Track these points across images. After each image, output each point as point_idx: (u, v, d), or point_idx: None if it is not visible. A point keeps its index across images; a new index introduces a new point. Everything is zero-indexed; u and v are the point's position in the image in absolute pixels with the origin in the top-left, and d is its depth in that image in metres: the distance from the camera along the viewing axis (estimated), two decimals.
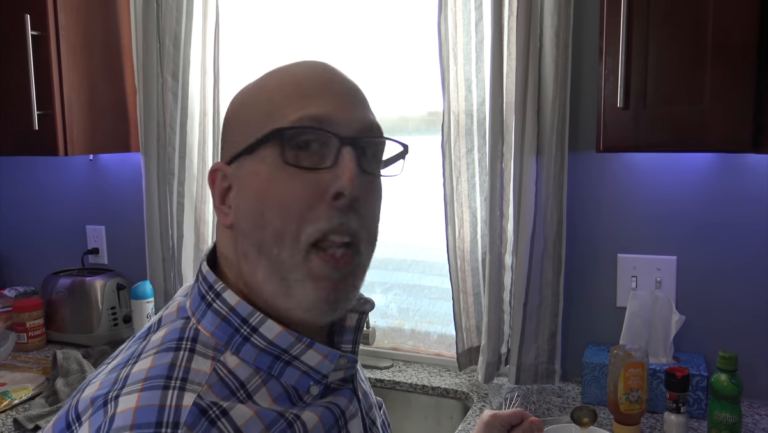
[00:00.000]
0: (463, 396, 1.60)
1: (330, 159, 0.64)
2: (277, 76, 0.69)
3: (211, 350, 0.64)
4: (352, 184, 0.62)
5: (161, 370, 0.60)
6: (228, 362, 0.64)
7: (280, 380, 0.66)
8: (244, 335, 0.65)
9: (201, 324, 0.66)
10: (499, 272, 1.54)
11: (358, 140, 0.65)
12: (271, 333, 0.65)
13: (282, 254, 0.63)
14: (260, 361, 0.65)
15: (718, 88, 1.14)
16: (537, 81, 1.44)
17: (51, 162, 2.18)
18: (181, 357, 0.62)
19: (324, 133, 0.63)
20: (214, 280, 0.67)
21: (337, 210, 0.63)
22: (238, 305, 0.65)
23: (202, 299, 0.67)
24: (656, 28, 1.17)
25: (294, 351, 0.65)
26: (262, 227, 0.64)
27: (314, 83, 0.66)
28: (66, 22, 1.72)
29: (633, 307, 1.49)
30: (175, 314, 0.69)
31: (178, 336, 0.64)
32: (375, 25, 1.74)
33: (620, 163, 1.53)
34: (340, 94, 0.67)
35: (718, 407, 1.24)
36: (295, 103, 0.65)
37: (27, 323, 1.93)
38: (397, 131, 1.73)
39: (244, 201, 0.66)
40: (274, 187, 0.63)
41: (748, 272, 1.45)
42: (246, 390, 0.63)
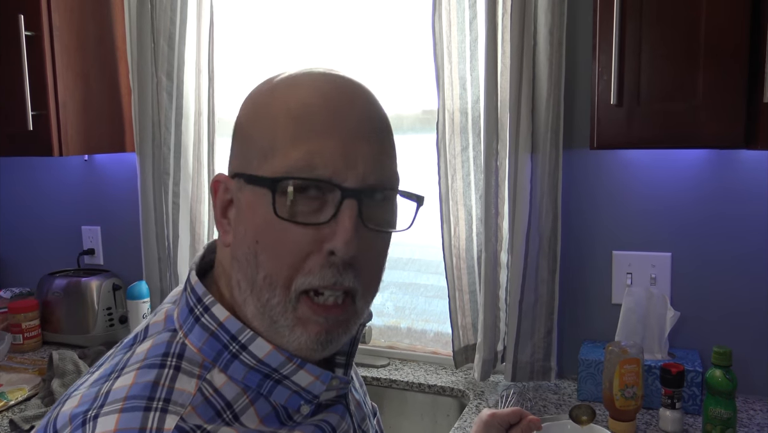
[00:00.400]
0: (459, 394, 1.60)
1: (329, 212, 0.59)
2: (286, 94, 0.62)
3: (198, 367, 0.61)
4: (347, 247, 0.58)
5: (143, 389, 0.57)
6: (215, 380, 0.61)
7: (269, 399, 0.63)
8: (233, 352, 0.62)
9: (188, 339, 0.63)
10: (495, 270, 1.55)
11: (361, 193, 0.60)
12: (261, 352, 0.62)
13: (272, 300, 0.61)
14: (249, 379, 0.62)
15: (710, 86, 1.14)
16: (531, 79, 1.45)
17: (46, 162, 2.18)
18: (165, 375, 0.59)
19: (325, 183, 0.59)
20: (203, 293, 0.64)
21: (331, 267, 0.60)
22: (227, 320, 0.63)
23: (190, 312, 0.64)
24: (649, 26, 1.17)
25: (284, 371, 0.63)
26: (256, 268, 0.61)
27: (321, 115, 0.60)
28: (60, 22, 1.72)
29: (628, 303, 1.49)
30: (162, 323, 0.66)
31: (164, 351, 0.62)
32: (370, 23, 1.74)
33: (615, 160, 1.53)
34: (350, 132, 0.60)
35: (713, 403, 1.25)
36: (295, 143, 0.59)
37: (23, 324, 1.92)
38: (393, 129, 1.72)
39: (240, 231, 0.63)
40: (269, 233, 0.60)
41: (742, 268, 1.46)
42: (233, 411, 0.61)
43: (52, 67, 1.71)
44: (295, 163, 0.59)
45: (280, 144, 0.60)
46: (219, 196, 0.66)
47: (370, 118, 0.63)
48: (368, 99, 0.64)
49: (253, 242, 0.61)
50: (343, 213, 0.59)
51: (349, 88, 0.63)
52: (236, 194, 0.64)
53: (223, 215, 0.65)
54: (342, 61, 1.77)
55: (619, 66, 1.18)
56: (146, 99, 1.82)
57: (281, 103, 0.62)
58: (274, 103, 0.62)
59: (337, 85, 0.63)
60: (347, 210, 0.59)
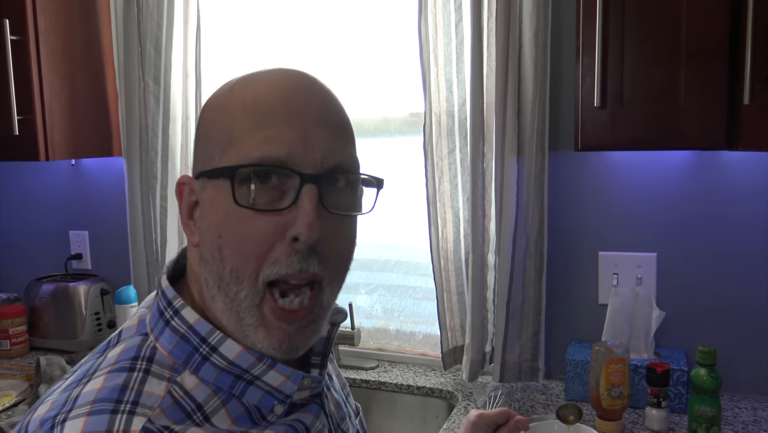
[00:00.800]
0: (448, 395, 1.61)
1: (289, 198, 0.60)
2: (243, 92, 0.63)
3: (168, 370, 0.61)
4: (309, 230, 0.58)
5: (111, 392, 0.57)
6: (185, 383, 0.61)
7: (242, 400, 0.64)
8: (204, 354, 0.62)
9: (159, 342, 0.63)
10: (482, 271, 1.55)
11: (320, 178, 0.60)
12: (231, 353, 0.62)
13: (240, 294, 0.61)
14: (221, 381, 0.62)
15: (691, 88, 1.16)
16: (517, 81, 1.46)
17: (32, 167, 2.17)
18: (134, 379, 0.59)
19: (283, 170, 0.60)
20: (173, 296, 0.65)
21: (296, 253, 0.60)
22: (197, 323, 0.63)
23: (161, 315, 0.64)
24: (631, 28, 1.19)
25: (255, 371, 0.63)
26: (221, 263, 0.61)
27: (278, 104, 0.61)
28: (45, 26, 1.71)
29: (614, 304, 1.51)
30: (135, 327, 0.66)
31: (134, 355, 0.62)
32: (356, 27, 1.75)
33: (600, 161, 1.54)
34: (307, 120, 0.61)
35: (698, 401, 1.26)
36: (252, 133, 0.60)
37: (10, 329, 1.91)
38: (380, 132, 1.73)
39: (205, 229, 0.63)
40: (232, 225, 0.60)
41: (726, 267, 1.48)
42: (203, 412, 0.61)
43: (38, 72, 1.70)
44: (253, 151, 0.59)
45: (237, 136, 0.61)
46: (184, 199, 0.66)
47: (327, 108, 0.64)
48: (324, 91, 0.65)
49: (216, 237, 0.61)
50: (303, 198, 0.59)
51: (305, 81, 0.64)
52: (200, 194, 0.64)
53: (189, 217, 0.66)
54: (330, 64, 1.78)
55: (602, 68, 1.19)
56: (133, 103, 1.82)
57: (239, 99, 0.63)
58: (232, 100, 0.63)
59: (294, 80, 0.64)
60: (307, 194, 0.59)
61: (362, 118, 1.75)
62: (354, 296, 1.85)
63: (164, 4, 1.77)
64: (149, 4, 1.77)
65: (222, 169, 0.61)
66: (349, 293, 1.85)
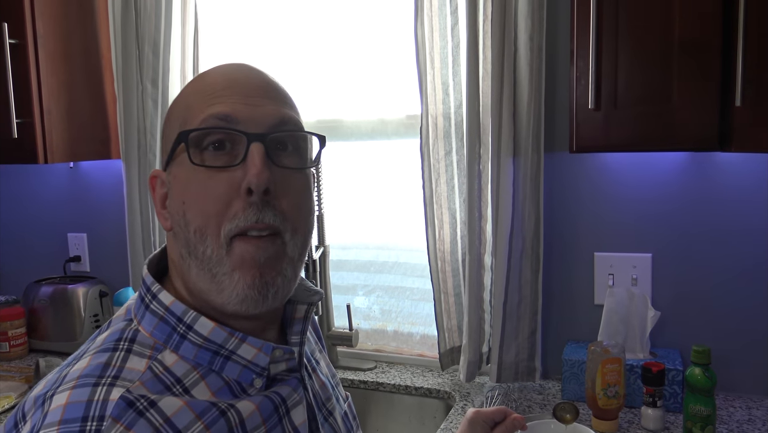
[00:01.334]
0: (445, 396, 1.62)
1: (240, 157, 0.66)
2: (193, 83, 0.72)
3: (149, 349, 0.66)
4: (258, 179, 0.64)
5: (94, 369, 0.62)
6: (165, 360, 0.66)
7: (222, 375, 0.67)
8: (181, 333, 0.67)
9: (141, 325, 0.68)
10: (479, 272, 1.56)
11: (266, 136, 0.66)
12: (205, 329, 0.67)
13: (207, 250, 0.65)
14: (200, 357, 0.67)
15: (684, 89, 1.17)
16: (512, 84, 1.47)
17: (31, 170, 2.17)
18: (116, 357, 0.64)
19: (230, 131, 0.66)
20: (151, 282, 0.70)
21: (251, 206, 0.65)
22: (173, 304, 0.68)
23: (141, 300, 0.70)
24: (625, 31, 1.20)
25: (229, 346, 0.67)
26: (186, 226, 0.66)
27: (222, 83, 0.68)
28: (44, 30, 1.72)
29: (610, 304, 1.52)
30: (123, 315, 0.71)
31: (117, 337, 0.67)
32: (353, 30, 1.76)
33: (595, 163, 1.55)
34: (249, 91, 0.68)
35: (693, 400, 1.27)
36: (203, 104, 0.67)
37: (9, 331, 1.92)
38: (377, 134, 1.74)
39: (173, 204, 0.68)
40: (191, 188, 0.66)
41: (721, 268, 1.49)
42: (183, 385, 0.65)
43: (36, 75, 1.71)
44: (204, 118, 0.66)
45: (190, 114, 0.68)
46: (157, 191, 0.72)
47: (267, 82, 0.71)
48: (263, 72, 0.72)
49: (180, 204, 0.67)
50: (252, 153, 0.65)
51: (245, 66, 0.72)
52: (168, 180, 0.70)
53: (162, 207, 0.71)
54: (327, 67, 1.79)
55: (596, 71, 1.20)
56: (131, 106, 1.83)
57: (190, 88, 0.72)
58: (183, 93, 0.72)
59: (235, 66, 0.72)
60: (255, 150, 0.65)
61: (359, 120, 1.76)
62: (352, 297, 1.86)
63: (162, 8, 1.78)
64: (147, 7, 1.78)
65: (178, 137, 0.67)
66: (347, 294, 1.86)
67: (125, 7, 1.79)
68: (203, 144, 0.66)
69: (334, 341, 1.78)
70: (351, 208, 1.83)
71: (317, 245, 1.75)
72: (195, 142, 0.66)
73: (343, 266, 1.86)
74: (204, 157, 0.66)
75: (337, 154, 1.80)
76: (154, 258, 0.75)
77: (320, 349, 0.91)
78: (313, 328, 0.94)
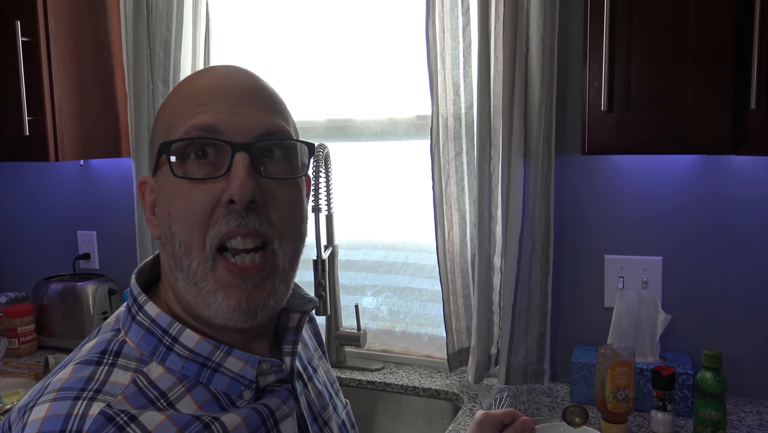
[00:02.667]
0: (453, 397, 1.61)
1: (224, 167, 0.64)
2: (180, 87, 0.70)
3: (135, 361, 0.65)
4: (241, 191, 0.62)
5: (77, 382, 0.61)
6: (151, 372, 0.64)
7: (209, 387, 0.66)
8: (167, 345, 0.66)
9: (128, 336, 0.67)
10: (488, 274, 1.56)
11: (251, 146, 0.64)
12: (191, 342, 0.66)
13: (192, 264, 0.64)
14: (187, 369, 0.66)
15: (698, 92, 1.16)
16: (524, 85, 1.46)
17: (42, 167, 2.18)
18: (100, 371, 0.63)
19: (213, 141, 0.64)
20: (137, 293, 0.69)
21: (233, 213, 0.63)
22: (158, 316, 0.66)
23: (128, 311, 0.69)
24: (638, 33, 1.19)
25: (215, 358, 0.66)
26: (172, 239, 0.65)
27: (208, 90, 0.66)
28: (56, 28, 1.73)
29: (620, 307, 1.51)
30: (112, 323, 0.70)
31: (102, 349, 0.65)
32: (364, 30, 1.75)
33: (606, 165, 1.55)
34: (234, 98, 0.65)
35: (704, 405, 1.26)
36: (187, 113, 0.65)
37: (18, 328, 1.93)
38: (387, 135, 1.74)
39: (160, 214, 0.67)
40: (175, 200, 0.65)
41: (732, 271, 1.48)
42: (167, 399, 0.63)
43: (48, 73, 1.72)
44: (187, 129, 0.64)
45: (175, 122, 0.66)
46: (146, 197, 0.71)
47: (254, 87, 0.68)
48: (252, 76, 0.70)
49: (166, 216, 0.66)
50: (236, 164, 0.63)
51: (233, 69, 0.69)
52: (156, 188, 0.69)
53: (152, 213, 0.70)
54: (337, 67, 1.79)
55: (609, 73, 1.20)
56: (142, 105, 1.83)
57: (175, 94, 0.69)
58: (170, 98, 0.70)
59: (223, 69, 0.70)
60: (239, 161, 0.63)
61: (369, 120, 1.76)
62: (360, 297, 1.86)
63: (174, 7, 1.79)
64: (159, 6, 1.79)
65: (160, 148, 0.65)
66: (356, 295, 1.86)
67: (137, 5, 1.80)
68: (186, 154, 0.64)
69: (342, 341, 1.78)
70: (360, 209, 1.83)
71: (326, 245, 1.74)
72: (177, 153, 0.64)
73: (351, 266, 1.86)
74: (186, 169, 0.64)
75: (347, 154, 1.80)
76: (146, 266, 0.74)
77: (320, 355, 0.90)
78: (314, 332, 0.92)
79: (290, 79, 1.82)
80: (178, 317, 0.68)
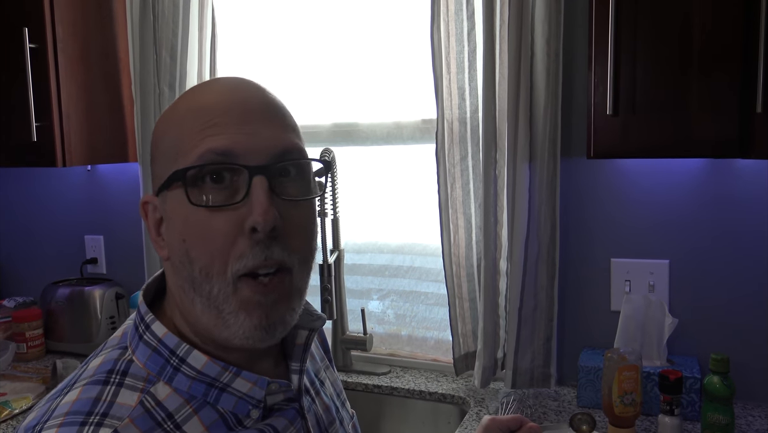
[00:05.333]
0: (460, 401, 1.61)
1: (242, 192, 0.62)
2: (186, 101, 0.67)
3: (142, 381, 0.64)
4: (265, 219, 0.61)
5: (84, 405, 0.60)
6: (158, 393, 0.64)
7: (217, 407, 0.66)
8: (174, 365, 0.65)
9: (135, 355, 0.66)
10: (494, 278, 1.56)
11: (268, 168, 0.63)
12: (199, 363, 0.65)
13: (213, 289, 0.63)
14: (194, 389, 0.65)
15: (704, 95, 1.16)
16: (529, 89, 1.46)
17: (49, 173, 2.20)
18: (107, 391, 0.62)
19: (230, 166, 0.62)
20: (145, 311, 0.68)
21: (258, 244, 0.62)
22: (166, 336, 0.66)
23: (136, 329, 0.68)
24: (644, 36, 1.19)
25: (224, 379, 0.66)
26: (191, 264, 0.63)
27: (219, 108, 0.64)
28: (64, 35, 1.74)
29: (627, 311, 1.50)
30: (118, 339, 0.69)
31: (109, 368, 0.64)
32: (369, 35, 1.76)
33: (612, 168, 1.54)
34: (247, 117, 0.64)
35: (711, 409, 1.26)
36: (198, 135, 0.63)
37: (26, 333, 1.94)
38: (392, 139, 1.74)
39: (172, 238, 0.66)
40: (193, 226, 0.63)
41: (739, 275, 1.47)
42: (174, 421, 0.63)
43: (56, 79, 1.73)
44: (201, 153, 0.62)
45: (185, 143, 0.64)
46: (150, 217, 0.69)
47: (266, 104, 0.66)
48: (262, 90, 0.68)
49: (181, 242, 0.64)
50: (255, 188, 0.62)
51: (241, 83, 0.68)
52: (162, 209, 0.67)
53: (157, 234, 0.68)
54: (342, 71, 1.79)
55: (614, 76, 1.20)
56: (148, 110, 1.84)
57: (183, 110, 0.66)
58: (176, 113, 0.67)
59: (230, 83, 0.67)
60: (258, 185, 0.62)
61: (375, 124, 1.76)
62: (366, 301, 1.86)
63: (180, 13, 1.79)
64: (165, 12, 1.80)
65: (173, 175, 0.63)
66: (362, 299, 1.86)
67: (143, 11, 1.81)
68: (200, 179, 0.63)
69: (348, 345, 1.78)
70: (366, 212, 1.83)
71: (332, 249, 1.75)
72: (192, 181, 0.62)
73: (357, 270, 1.86)
74: (203, 194, 0.62)
75: (352, 158, 1.80)
76: (152, 284, 0.72)
77: (326, 365, 0.90)
78: (321, 342, 0.92)
79: (296, 83, 1.83)
80: (185, 337, 0.67)
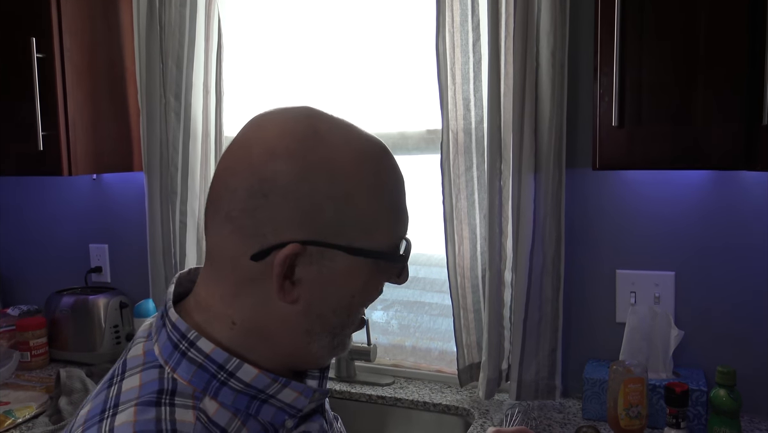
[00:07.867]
0: (464, 413, 1.60)
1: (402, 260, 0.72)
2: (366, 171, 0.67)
3: (190, 399, 0.64)
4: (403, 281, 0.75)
5: (148, 426, 0.60)
6: (207, 408, 0.65)
7: (258, 418, 0.68)
8: (221, 379, 0.66)
9: (176, 373, 0.65)
10: (499, 289, 1.55)
11: None
12: (248, 376, 0.66)
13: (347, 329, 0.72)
14: (238, 402, 0.67)
15: (710, 108, 1.16)
16: (534, 100, 1.47)
17: (55, 181, 2.20)
18: (164, 411, 0.62)
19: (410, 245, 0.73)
20: (186, 328, 0.67)
21: None
22: (214, 352, 0.66)
23: (175, 347, 0.66)
24: (649, 47, 1.19)
25: (270, 390, 0.68)
26: (349, 317, 0.71)
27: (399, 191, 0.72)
28: (70, 45, 1.75)
29: (632, 322, 1.50)
30: (141, 357, 0.68)
31: (158, 388, 0.64)
32: (374, 45, 1.77)
33: (617, 179, 1.54)
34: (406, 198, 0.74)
35: (718, 422, 1.25)
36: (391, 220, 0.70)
37: (30, 341, 1.94)
38: (397, 149, 1.75)
39: (330, 294, 0.68)
40: (369, 290, 0.71)
41: (745, 287, 1.46)
42: None
43: (62, 89, 1.74)
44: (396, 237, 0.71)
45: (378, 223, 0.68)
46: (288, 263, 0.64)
47: None
48: None
49: (349, 298, 0.70)
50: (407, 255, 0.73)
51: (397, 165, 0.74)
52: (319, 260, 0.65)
53: (291, 282, 0.66)
54: (348, 81, 1.80)
55: (620, 88, 1.20)
56: (154, 119, 1.85)
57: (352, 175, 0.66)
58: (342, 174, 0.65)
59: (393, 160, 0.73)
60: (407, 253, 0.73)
61: (380, 134, 1.76)
62: (370, 311, 1.85)
63: (186, 23, 1.80)
64: (171, 22, 1.81)
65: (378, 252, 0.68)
66: (366, 309, 1.85)
67: (150, 22, 1.82)
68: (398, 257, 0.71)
69: (352, 355, 1.77)
70: None
71: None
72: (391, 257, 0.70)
73: None
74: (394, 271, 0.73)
75: None
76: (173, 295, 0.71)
77: None
78: None
79: (300, 94, 1.83)
80: (232, 352, 0.67)
